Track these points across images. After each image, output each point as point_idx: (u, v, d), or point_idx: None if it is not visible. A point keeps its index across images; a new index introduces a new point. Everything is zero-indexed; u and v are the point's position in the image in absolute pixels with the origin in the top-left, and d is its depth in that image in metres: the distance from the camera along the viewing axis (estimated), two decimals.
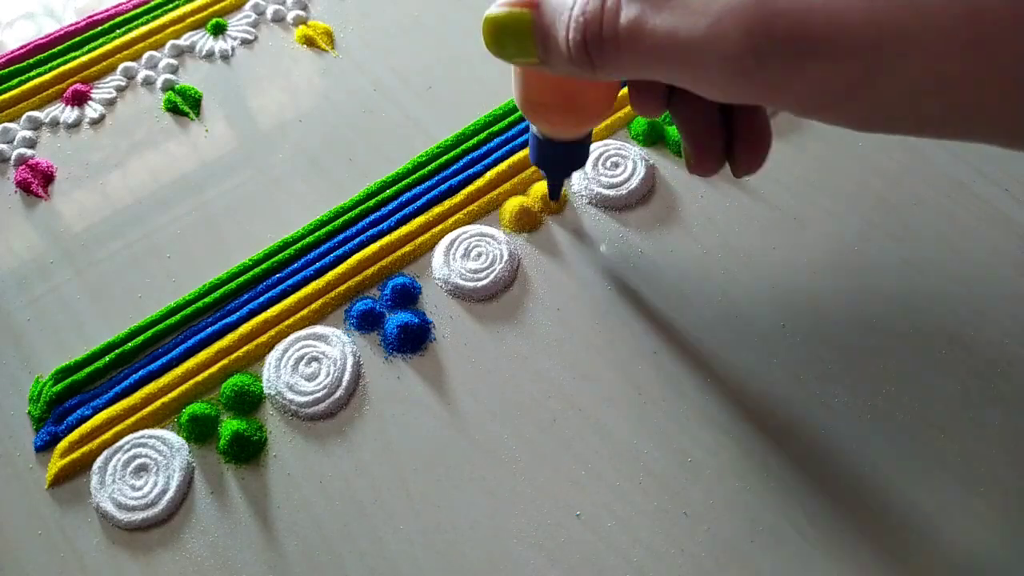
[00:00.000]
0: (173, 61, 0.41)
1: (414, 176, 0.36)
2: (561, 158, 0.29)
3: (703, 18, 0.18)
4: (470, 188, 0.35)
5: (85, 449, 0.29)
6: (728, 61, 0.18)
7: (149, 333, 0.32)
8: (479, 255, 0.33)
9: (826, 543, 0.27)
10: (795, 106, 0.18)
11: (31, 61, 0.41)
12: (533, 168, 0.36)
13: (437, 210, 0.35)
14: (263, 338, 0.31)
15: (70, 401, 0.30)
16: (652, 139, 0.37)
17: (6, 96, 0.40)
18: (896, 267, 0.33)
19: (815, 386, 0.30)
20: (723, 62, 0.18)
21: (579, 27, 0.20)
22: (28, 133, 0.39)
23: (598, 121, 0.27)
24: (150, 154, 0.38)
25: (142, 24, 0.42)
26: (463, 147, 0.37)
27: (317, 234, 0.34)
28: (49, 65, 0.41)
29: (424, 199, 0.35)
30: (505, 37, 0.22)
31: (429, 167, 0.36)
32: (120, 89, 0.40)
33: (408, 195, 0.35)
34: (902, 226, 0.34)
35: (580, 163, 0.29)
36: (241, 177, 0.37)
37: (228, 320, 0.32)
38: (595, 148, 0.36)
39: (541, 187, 0.35)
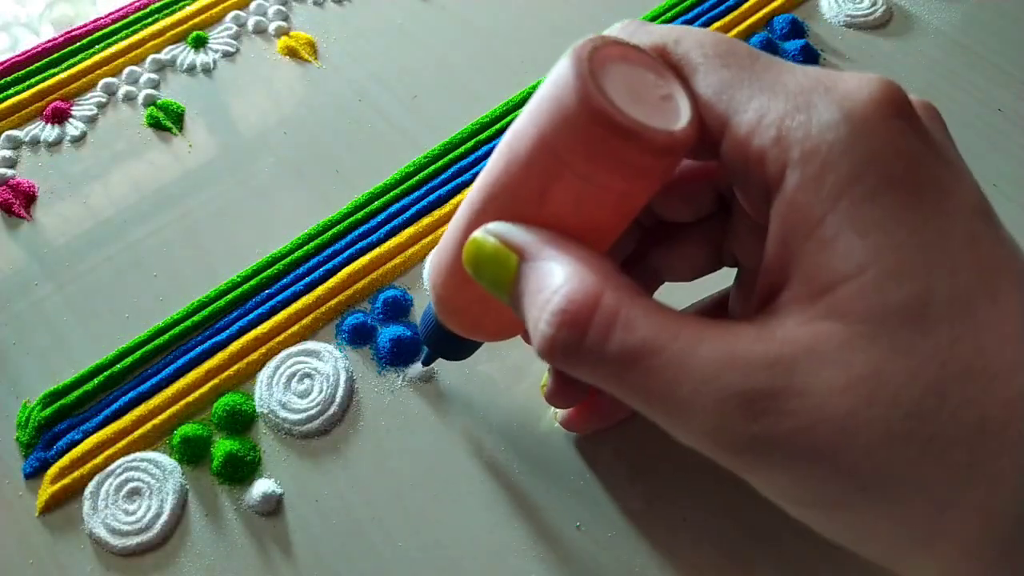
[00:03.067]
0: (154, 76, 0.41)
1: (402, 187, 0.36)
2: (457, 349, 0.27)
3: (706, 385, 0.15)
4: (460, 197, 0.35)
5: (76, 474, 0.29)
6: (715, 433, 0.15)
7: (138, 354, 0.31)
8: None
9: (827, 546, 0.27)
10: (770, 489, 0.17)
11: (8, 79, 0.40)
12: None
13: (426, 221, 0.34)
14: (254, 356, 0.31)
15: (59, 426, 0.30)
16: None
17: None
18: None
19: None
20: (710, 433, 0.15)
21: (553, 322, 0.16)
22: (8, 153, 0.38)
23: (511, 337, 0.25)
24: (134, 171, 0.37)
25: (122, 39, 0.42)
26: (451, 156, 0.36)
27: (305, 248, 0.34)
28: (27, 83, 0.40)
29: (413, 210, 0.35)
30: (484, 268, 0.18)
31: (417, 177, 0.36)
32: (101, 105, 0.40)
33: (396, 206, 0.35)
34: None
35: (467, 355, 0.27)
36: (226, 192, 0.36)
37: (218, 339, 0.31)
38: None
39: None
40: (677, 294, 0.26)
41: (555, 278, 0.17)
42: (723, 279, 0.25)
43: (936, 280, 0.14)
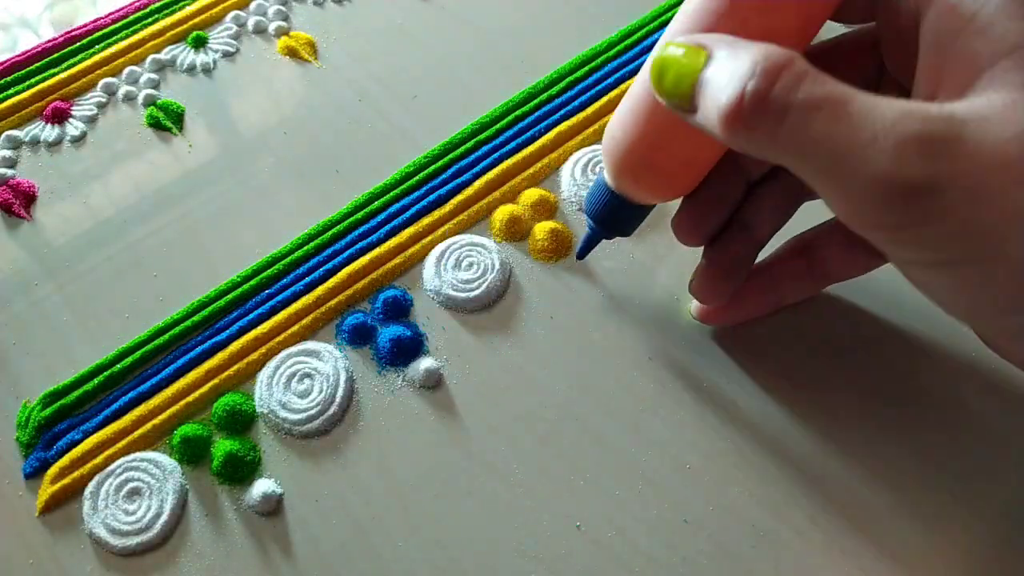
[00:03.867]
0: (154, 76, 0.41)
1: (402, 187, 0.36)
2: (626, 219, 0.28)
3: (888, 128, 0.17)
4: (459, 197, 0.35)
5: (76, 474, 0.29)
6: (892, 174, 0.17)
7: (138, 354, 0.31)
8: (470, 265, 0.33)
9: (828, 546, 0.27)
10: (929, 243, 0.18)
11: (8, 79, 0.40)
12: (522, 176, 0.36)
13: (426, 221, 0.34)
14: (254, 356, 0.31)
15: (59, 426, 0.30)
16: None
17: None
18: (890, 265, 0.33)
19: (812, 388, 0.30)
20: (886, 174, 0.17)
21: (744, 76, 0.18)
22: (8, 153, 0.38)
23: (683, 194, 0.27)
24: (134, 171, 0.37)
25: (122, 39, 0.42)
26: (451, 156, 0.36)
27: (305, 248, 0.34)
28: (27, 83, 0.40)
29: (413, 210, 0.35)
30: (669, 71, 0.20)
31: (417, 177, 0.36)
32: (101, 105, 0.40)
33: (396, 206, 0.35)
34: None
35: (632, 229, 0.29)
36: (226, 191, 0.36)
37: (218, 339, 0.31)
38: (584, 153, 0.36)
39: (531, 195, 0.35)
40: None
41: (746, 54, 0.18)
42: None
43: None
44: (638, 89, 0.24)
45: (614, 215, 0.28)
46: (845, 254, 0.28)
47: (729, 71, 0.19)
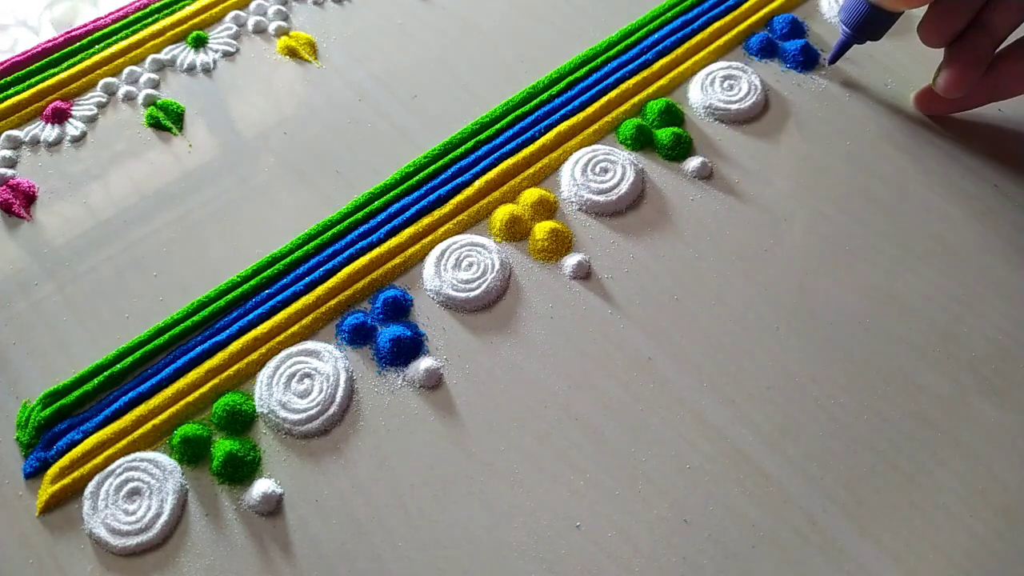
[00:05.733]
0: (154, 76, 0.41)
1: (402, 187, 0.36)
2: (879, 24, 0.34)
3: None
4: (459, 197, 0.35)
5: (76, 474, 0.29)
6: None
7: (138, 354, 0.31)
8: (470, 265, 0.33)
9: (827, 546, 0.27)
10: None
11: (8, 79, 0.40)
12: (522, 176, 0.36)
13: (426, 221, 0.34)
14: (254, 356, 0.31)
15: (59, 426, 0.30)
16: (640, 143, 0.37)
17: None
18: (887, 265, 0.33)
19: (811, 388, 0.30)
20: None
21: None
22: (8, 153, 0.38)
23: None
24: (134, 171, 0.37)
25: (122, 39, 0.42)
26: (451, 156, 0.36)
27: (306, 248, 0.34)
28: (27, 83, 0.40)
29: (413, 210, 0.35)
30: None
31: (417, 177, 0.36)
32: (101, 105, 0.40)
33: (397, 206, 0.35)
34: (892, 224, 0.34)
35: (881, 34, 0.35)
36: (227, 191, 0.36)
37: (218, 339, 0.31)
38: (584, 153, 0.36)
39: (531, 195, 0.35)
40: None
41: None
42: None
43: None
44: None
45: (869, 22, 0.34)
46: None
47: None
